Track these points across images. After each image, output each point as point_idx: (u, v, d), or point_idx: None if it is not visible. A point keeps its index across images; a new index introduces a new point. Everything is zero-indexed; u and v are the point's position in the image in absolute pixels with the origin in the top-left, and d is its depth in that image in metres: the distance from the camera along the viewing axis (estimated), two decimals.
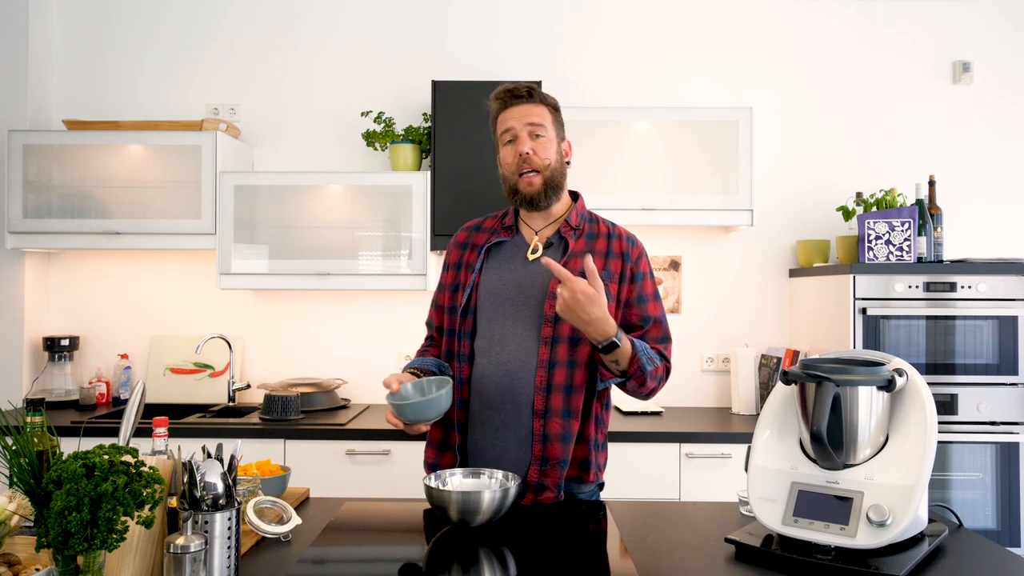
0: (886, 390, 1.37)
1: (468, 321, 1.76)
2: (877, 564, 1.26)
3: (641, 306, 1.78)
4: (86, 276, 3.37)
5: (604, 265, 1.76)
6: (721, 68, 3.36)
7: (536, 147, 1.73)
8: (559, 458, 1.68)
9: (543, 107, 1.77)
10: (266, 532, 1.38)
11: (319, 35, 3.39)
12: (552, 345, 1.69)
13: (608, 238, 1.80)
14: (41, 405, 1.31)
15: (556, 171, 1.76)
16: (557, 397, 1.68)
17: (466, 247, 1.85)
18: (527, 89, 1.76)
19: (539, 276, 1.73)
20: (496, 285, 1.76)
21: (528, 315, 1.72)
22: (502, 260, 1.79)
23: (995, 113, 3.34)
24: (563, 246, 1.78)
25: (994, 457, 2.71)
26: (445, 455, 1.78)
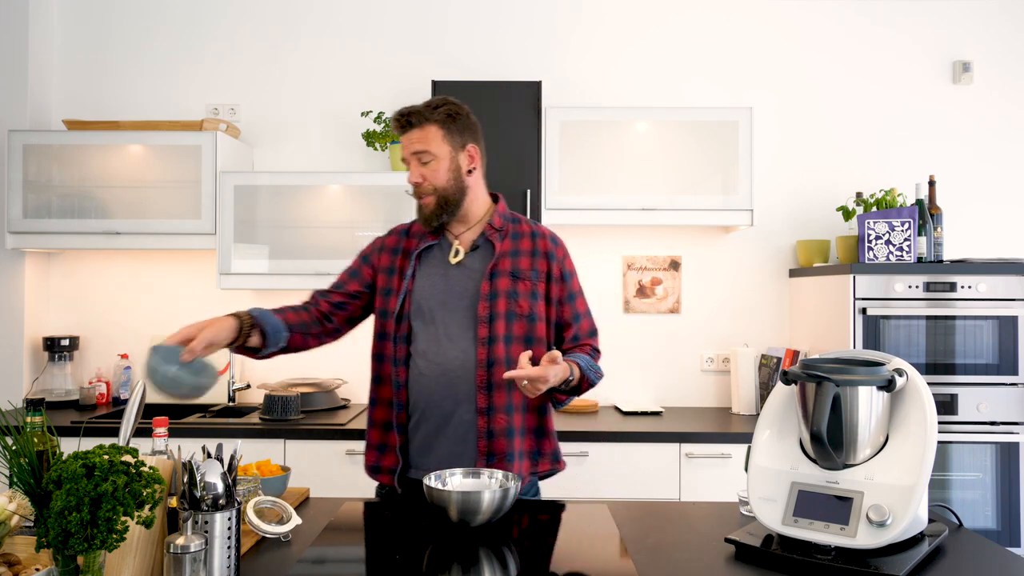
0: (886, 390, 1.37)
1: (404, 326, 1.82)
2: (877, 564, 1.26)
3: (572, 303, 1.89)
4: (86, 276, 3.37)
5: (531, 264, 1.84)
6: (721, 68, 3.36)
7: (424, 173, 1.80)
8: (505, 452, 1.75)
9: (430, 127, 1.79)
10: (266, 532, 1.38)
11: (319, 35, 3.39)
12: (489, 344, 1.76)
13: (532, 238, 1.89)
14: (41, 405, 1.31)
15: (447, 190, 1.81)
16: (500, 395, 1.76)
17: (397, 253, 1.90)
18: (408, 116, 1.79)
19: (468, 279, 1.82)
20: (429, 290, 1.82)
21: (462, 317, 1.79)
22: (433, 265, 1.86)
23: (995, 113, 3.34)
24: (489, 248, 1.85)
25: (994, 457, 2.71)
26: (386, 457, 1.82)
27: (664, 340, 3.33)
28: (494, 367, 1.76)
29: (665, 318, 3.34)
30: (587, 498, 2.65)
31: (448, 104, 1.82)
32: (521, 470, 1.79)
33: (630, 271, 3.34)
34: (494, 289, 1.79)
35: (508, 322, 1.79)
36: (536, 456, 1.84)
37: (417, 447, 1.80)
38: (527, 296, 1.81)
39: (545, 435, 1.86)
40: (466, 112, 1.85)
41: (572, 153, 3.01)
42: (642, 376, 3.33)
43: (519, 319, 1.80)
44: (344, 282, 1.92)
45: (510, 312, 1.79)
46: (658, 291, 3.34)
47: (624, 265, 3.35)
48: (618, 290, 3.35)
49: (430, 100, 1.83)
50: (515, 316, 1.79)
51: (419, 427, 1.79)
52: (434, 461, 1.76)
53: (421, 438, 1.79)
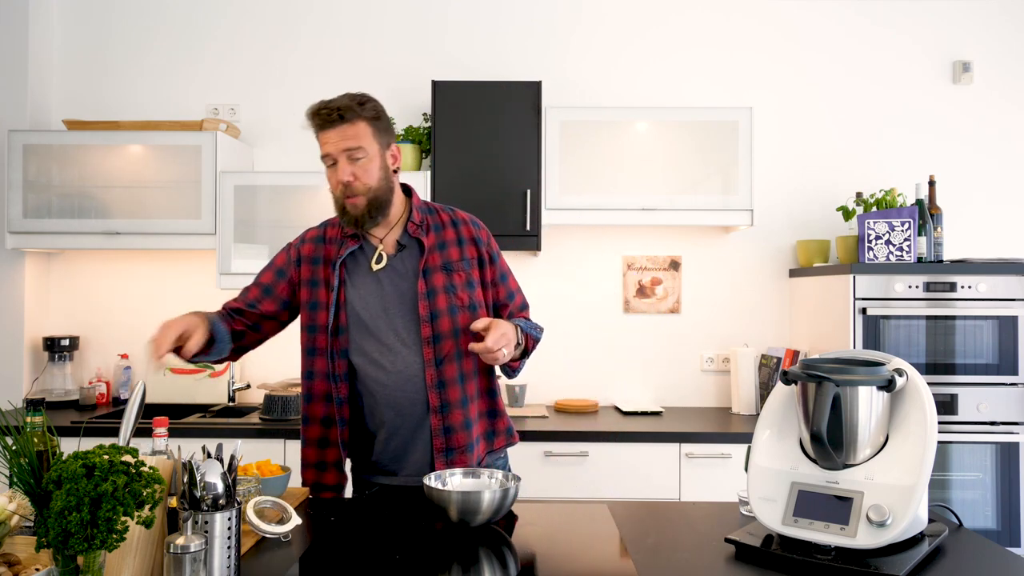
0: (886, 390, 1.37)
1: (342, 340, 1.76)
2: (877, 564, 1.26)
3: (504, 283, 1.89)
4: (86, 276, 3.37)
5: (460, 254, 1.82)
6: (721, 68, 3.36)
7: (356, 171, 1.72)
8: (464, 445, 1.75)
9: (359, 123, 1.70)
10: (266, 532, 1.38)
11: (319, 35, 3.39)
12: (435, 343, 1.74)
13: (454, 226, 1.85)
14: (41, 405, 1.31)
15: (379, 190, 1.74)
16: (453, 390, 1.75)
17: (317, 262, 1.81)
18: (338, 111, 1.69)
19: (401, 280, 1.77)
20: (363, 299, 1.77)
21: (403, 319, 1.76)
22: (361, 272, 1.79)
23: (995, 113, 3.34)
24: (416, 245, 1.80)
25: (994, 457, 2.71)
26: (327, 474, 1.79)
27: (664, 340, 3.33)
28: (443, 365, 1.75)
29: (665, 318, 3.34)
30: (587, 498, 2.65)
31: (370, 101, 1.75)
32: (479, 453, 1.80)
33: (630, 271, 3.34)
34: (431, 287, 1.76)
35: (452, 316, 1.76)
36: (491, 436, 1.86)
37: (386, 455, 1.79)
38: (464, 287, 1.78)
39: (497, 415, 1.87)
40: (384, 110, 1.79)
41: (572, 153, 3.01)
42: (642, 376, 3.33)
43: (461, 311, 1.77)
44: (257, 300, 1.82)
45: (452, 306, 1.76)
46: (658, 291, 3.34)
47: (624, 265, 3.35)
48: (618, 290, 3.35)
49: (349, 95, 1.73)
50: (457, 309, 1.76)
51: (385, 437, 1.78)
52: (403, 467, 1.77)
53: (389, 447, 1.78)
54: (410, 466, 1.77)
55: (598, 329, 3.33)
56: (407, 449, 1.78)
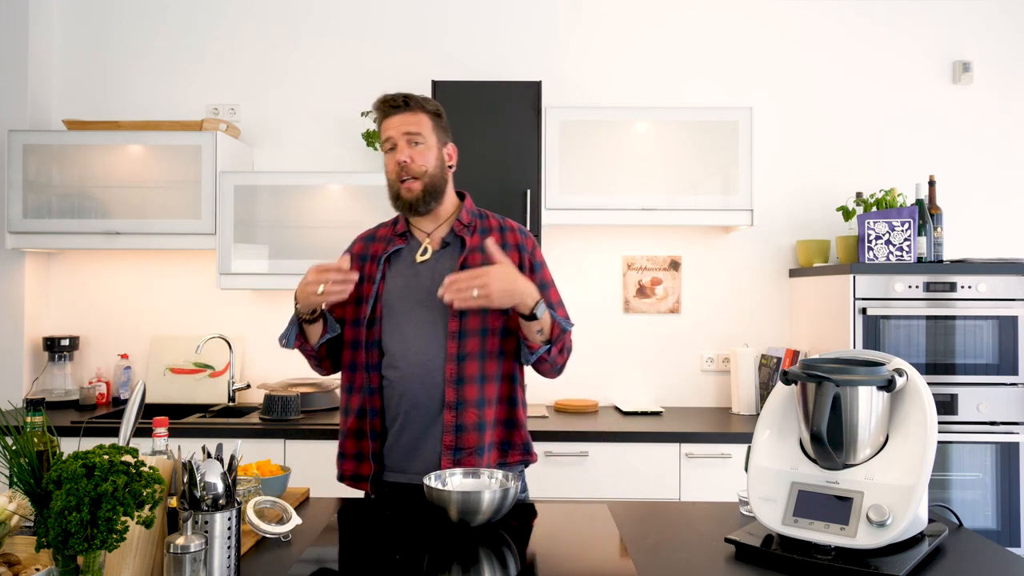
0: (886, 390, 1.37)
1: (375, 331, 1.80)
2: (877, 564, 1.26)
3: (544, 293, 1.85)
4: (86, 276, 3.37)
5: None
6: (721, 68, 3.36)
7: (414, 155, 1.79)
8: (475, 447, 1.75)
9: (422, 114, 1.81)
10: (266, 532, 1.38)
11: (319, 35, 3.39)
12: (460, 339, 1.76)
13: (501, 231, 1.89)
14: (41, 405, 1.31)
15: (435, 176, 1.81)
16: (471, 388, 1.75)
17: (365, 259, 1.88)
18: (404, 99, 1.80)
19: (439, 275, 1.78)
20: (398, 291, 1.81)
21: (432, 313, 1.78)
22: (402, 267, 1.84)
23: (995, 113, 3.34)
24: (460, 244, 1.85)
25: (994, 457, 2.71)
26: (363, 465, 1.81)
27: (664, 340, 3.33)
28: (464, 361, 1.75)
29: (665, 318, 3.34)
30: (587, 498, 2.65)
31: (434, 102, 1.86)
32: (490, 461, 1.79)
33: (630, 271, 3.34)
34: None
35: (482, 316, 1.77)
36: (506, 447, 1.83)
37: (394, 449, 1.79)
38: None
39: (515, 426, 1.85)
40: (446, 115, 1.89)
41: (572, 153, 3.01)
42: (642, 376, 3.32)
43: (492, 313, 1.78)
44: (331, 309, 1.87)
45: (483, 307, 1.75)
46: (658, 291, 3.34)
47: (624, 265, 3.35)
48: (618, 290, 3.35)
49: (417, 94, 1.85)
50: (488, 310, 1.77)
51: (396, 430, 1.78)
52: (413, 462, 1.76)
53: (399, 440, 1.78)
54: (419, 464, 1.76)
55: (598, 329, 3.33)
56: (417, 446, 1.77)
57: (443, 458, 1.74)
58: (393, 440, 1.79)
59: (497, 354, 1.80)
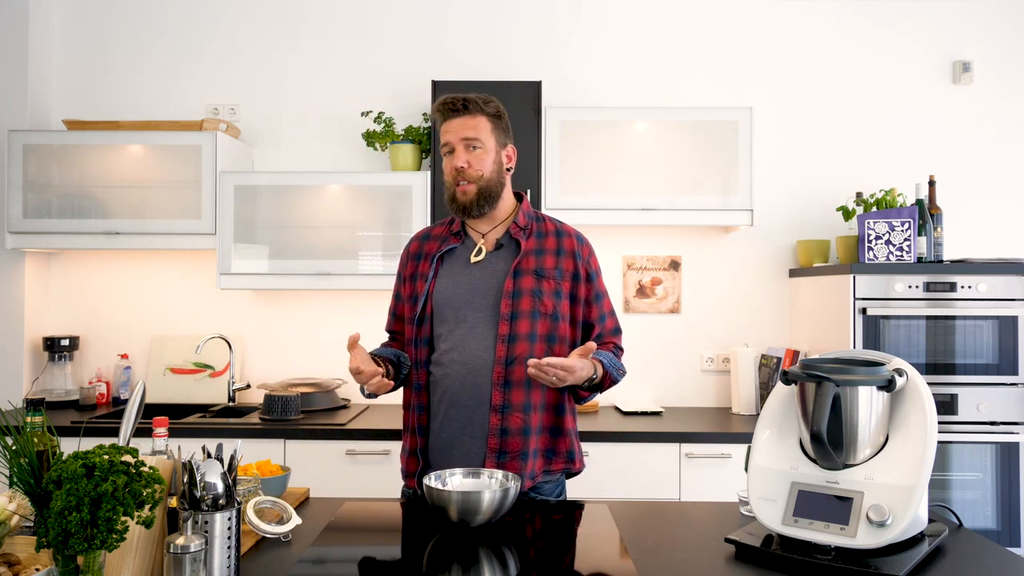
0: (886, 390, 1.37)
1: (424, 329, 1.82)
2: (877, 564, 1.26)
3: (599, 303, 1.89)
4: (86, 276, 3.37)
5: (555, 263, 1.84)
6: (721, 68, 3.36)
7: (471, 159, 1.79)
8: (519, 451, 1.74)
9: (481, 117, 1.81)
10: (266, 532, 1.38)
11: (319, 35, 3.39)
12: (509, 343, 1.76)
13: (557, 236, 1.89)
14: (41, 405, 1.31)
15: (491, 181, 1.82)
16: (518, 393, 1.75)
17: (420, 258, 1.90)
18: (463, 102, 1.80)
19: (491, 277, 1.80)
20: (450, 290, 1.82)
21: (484, 315, 1.79)
22: (454, 266, 1.85)
23: (995, 113, 3.33)
24: (514, 246, 1.85)
25: (994, 457, 2.71)
26: (412, 459, 1.83)
27: (664, 340, 3.33)
28: (513, 365, 1.75)
29: (665, 318, 3.34)
30: (587, 498, 2.65)
31: (495, 102, 1.85)
32: (534, 468, 1.77)
33: (630, 271, 3.34)
34: (518, 287, 1.79)
35: (532, 320, 1.77)
36: (550, 455, 1.82)
37: (434, 447, 1.79)
38: (551, 295, 1.80)
39: (561, 434, 1.82)
40: (506, 114, 1.88)
41: (572, 153, 3.01)
42: (642, 376, 3.32)
43: (543, 318, 1.79)
44: (394, 308, 1.95)
45: (534, 311, 1.78)
46: (658, 291, 3.34)
47: (624, 265, 3.35)
48: (618, 290, 3.35)
49: (477, 95, 1.83)
50: (539, 315, 1.78)
51: (436, 427, 1.79)
52: (450, 460, 1.75)
53: (438, 438, 1.78)
54: (454, 462, 1.74)
55: None
56: (453, 444, 1.76)
57: (487, 461, 1.73)
58: (433, 437, 1.80)
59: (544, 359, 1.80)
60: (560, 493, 1.88)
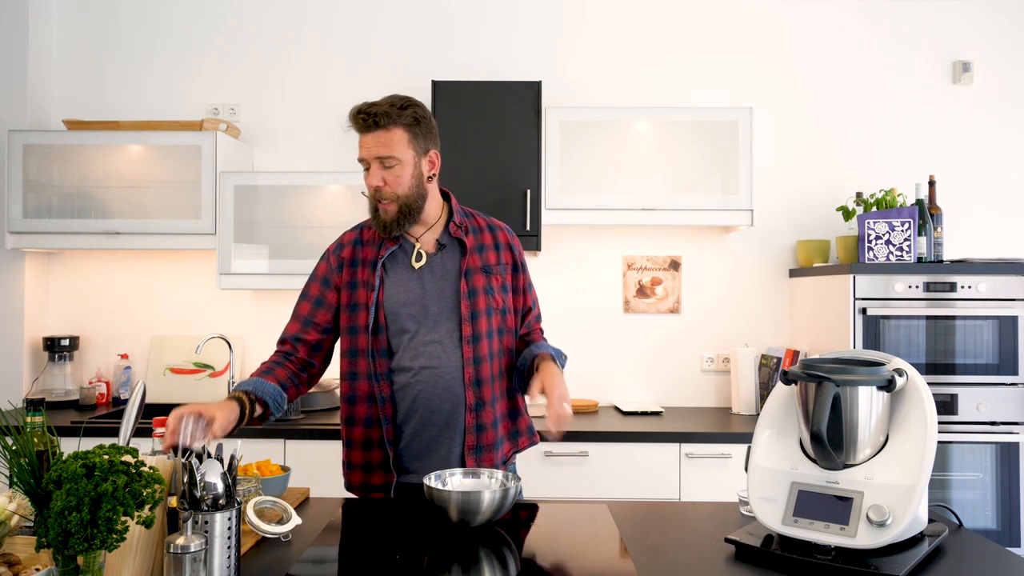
0: (886, 390, 1.37)
1: (381, 340, 1.77)
2: (877, 564, 1.26)
3: (529, 292, 1.95)
4: (86, 276, 3.37)
5: (497, 258, 1.86)
6: (721, 68, 3.36)
7: (387, 177, 1.74)
8: (492, 443, 1.79)
9: (395, 130, 1.71)
10: (266, 532, 1.38)
11: (319, 35, 3.39)
12: (474, 343, 1.78)
13: (491, 230, 1.91)
14: (41, 405, 1.31)
15: (410, 196, 1.76)
16: (487, 389, 1.79)
17: (356, 264, 1.82)
18: (374, 117, 1.70)
19: (441, 279, 1.80)
20: (402, 296, 1.78)
21: (443, 318, 1.78)
22: (398, 271, 1.80)
23: (995, 113, 3.33)
24: (457, 245, 1.84)
25: (994, 457, 2.71)
26: (374, 475, 1.80)
27: (664, 340, 3.33)
28: (480, 363, 1.78)
29: (665, 318, 3.34)
30: (587, 498, 2.65)
31: (413, 106, 1.75)
32: (503, 453, 1.83)
33: (630, 271, 3.34)
34: (472, 287, 1.79)
35: (489, 318, 1.80)
36: (515, 435, 1.89)
37: (407, 451, 1.78)
38: (500, 290, 1.84)
39: (519, 414, 1.91)
40: (429, 115, 1.80)
41: (572, 153, 3.01)
42: (642, 376, 3.33)
43: (496, 313, 1.82)
44: (311, 314, 1.82)
45: (489, 308, 1.81)
46: (658, 291, 3.34)
47: (624, 265, 3.35)
48: (618, 290, 3.35)
49: (392, 99, 1.74)
50: (493, 311, 1.82)
51: (409, 432, 1.77)
52: (426, 463, 1.77)
53: (412, 442, 1.78)
54: (432, 464, 1.76)
55: (598, 329, 3.33)
56: (431, 447, 1.77)
57: (467, 459, 1.76)
58: (406, 443, 1.78)
59: (501, 353, 1.85)
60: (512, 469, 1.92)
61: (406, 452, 1.79)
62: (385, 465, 1.78)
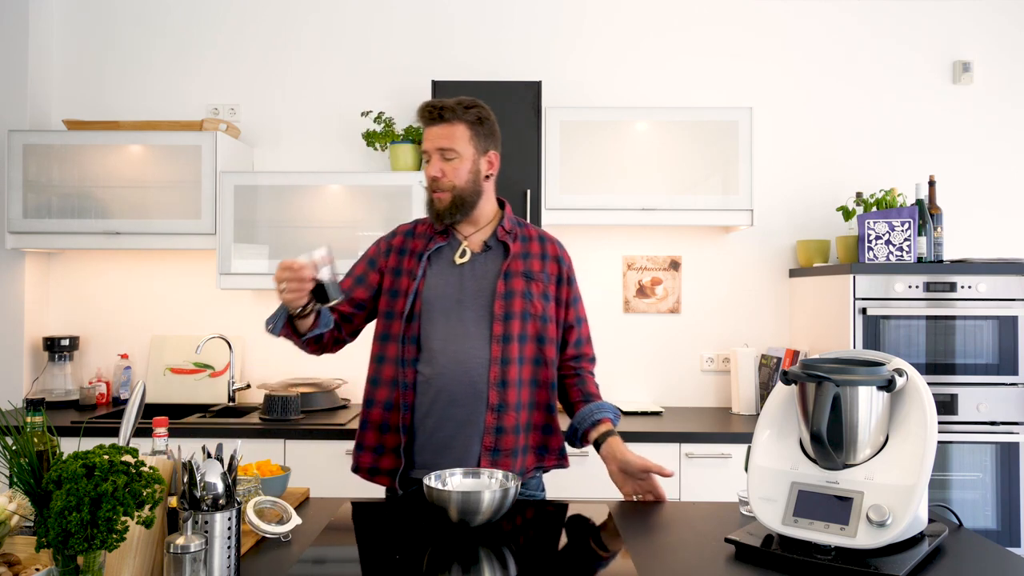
0: (886, 390, 1.37)
1: (413, 327, 1.81)
2: (877, 564, 1.26)
3: (575, 307, 1.95)
4: (86, 276, 3.37)
5: (542, 267, 1.89)
6: (721, 68, 3.36)
7: (445, 169, 1.81)
8: (511, 448, 1.77)
9: (459, 125, 1.80)
10: (266, 532, 1.38)
11: (319, 35, 3.39)
12: (504, 343, 1.79)
13: (541, 241, 1.94)
14: (41, 405, 1.31)
15: (465, 190, 1.83)
16: (512, 392, 1.78)
17: (404, 253, 1.89)
18: (440, 110, 1.80)
19: (481, 278, 1.83)
20: (440, 289, 1.82)
21: (476, 314, 1.80)
22: (442, 265, 1.86)
23: (995, 113, 3.33)
24: (502, 249, 1.87)
25: (994, 457, 2.71)
26: (384, 458, 1.81)
27: (664, 340, 3.33)
28: (507, 364, 1.78)
29: (665, 318, 3.34)
30: (587, 498, 2.65)
31: (478, 107, 1.84)
32: (525, 464, 1.81)
33: (630, 271, 3.35)
34: (509, 288, 1.82)
35: (523, 321, 1.81)
36: (543, 452, 1.86)
37: (426, 446, 1.78)
38: (540, 297, 1.85)
39: (552, 432, 1.87)
40: (493, 119, 1.87)
41: (572, 153, 3.01)
42: (642, 376, 3.33)
43: (533, 319, 1.83)
44: (349, 289, 1.89)
45: (525, 312, 1.81)
46: (658, 291, 3.34)
47: (624, 265, 3.35)
48: (618, 290, 3.35)
49: (460, 99, 1.83)
50: (529, 316, 1.82)
51: (430, 426, 1.78)
52: (443, 459, 1.76)
53: (432, 437, 1.78)
54: (449, 462, 1.75)
55: (598, 329, 3.31)
56: (450, 444, 1.77)
57: (482, 459, 1.75)
58: (425, 437, 1.79)
59: (533, 360, 1.84)
60: (542, 489, 1.93)
61: (427, 446, 1.78)
62: (397, 450, 1.79)
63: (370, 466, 1.83)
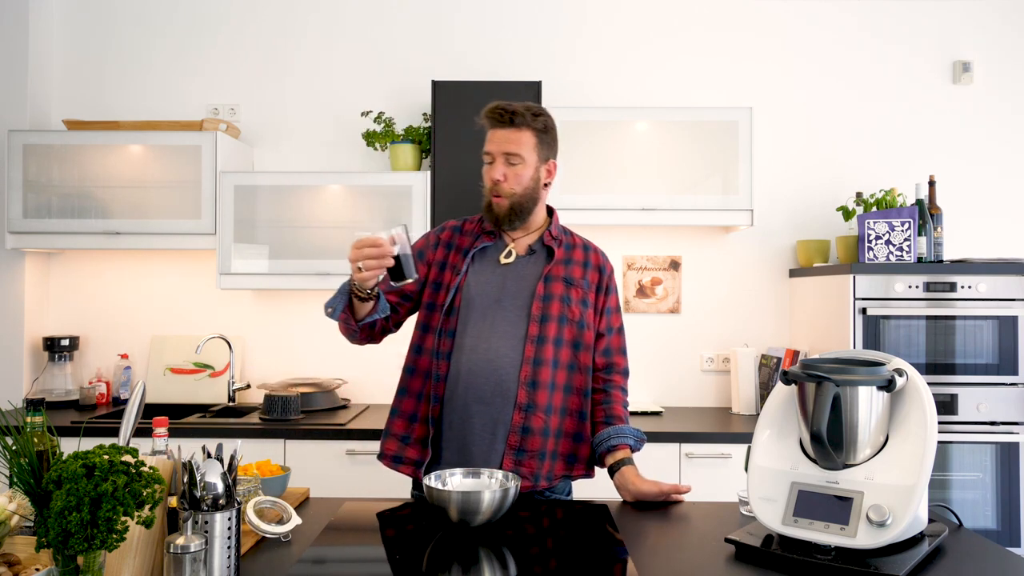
0: (886, 390, 1.37)
1: (452, 321, 1.83)
2: (877, 564, 1.26)
3: (610, 316, 1.94)
4: (86, 276, 3.37)
5: (583, 274, 1.89)
6: (721, 69, 3.36)
7: (508, 174, 1.82)
8: (537, 451, 1.76)
9: (526, 132, 1.82)
10: (266, 532, 1.38)
11: (319, 35, 3.39)
12: (538, 344, 1.79)
13: (584, 250, 1.96)
14: (41, 405, 1.31)
15: (525, 197, 1.84)
16: (542, 394, 1.78)
17: (451, 248, 1.92)
18: (511, 114, 1.80)
19: (522, 279, 1.84)
20: (482, 286, 1.84)
21: (514, 314, 1.81)
22: (485, 264, 1.88)
23: (995, 113, 3.33)
24: (546, 253, 1.89)
25: (994, 457, 2.71)
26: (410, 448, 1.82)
27: (664, 340, 3.33)
28: (540, 366, 1.78)
29: (665, 318, 3.34)
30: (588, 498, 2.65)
31: (545, 116, 1.86)
32: (553, 471, 1.80)
33: (630, 271, 3.35)
34: (549, 291, 1.83)
35: (559, 325, 1.81)
36: (572, 460, 1.84)
37: (452, 441, 1.78)
38: (579, 303, 1.85)
39: (583, 440, 1.86)
40: (555, 128, 1.90)
41: (572, 153, 3.01)
42: (642, 376, 3.32)
43: (570, 324, 1.83)
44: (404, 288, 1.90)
45: (562, 316, 1.82)
46: (658, 291, 3.34)
47: (624, 265, 3.35)
48: (618, 290, 3.34)
49: (528, 105, 1.84)
50: (567, 320, 1.83)
51: (456, 421, 1.78)
52: (468, 455, 1.76)
53: (457, 432, 1.78)
54: (473, 458, 1.75)
55: None
56: (475, 440, 1.76)
57: (506, 457, 1.75)
58: (451, 431, 1.79)
59: (568, 365, 1.83)
60: (569, 492, 1.94)
61: (450, 440, 1.78)
62: (423, 441, 1.79)
63: (394, 454, 1.83)
